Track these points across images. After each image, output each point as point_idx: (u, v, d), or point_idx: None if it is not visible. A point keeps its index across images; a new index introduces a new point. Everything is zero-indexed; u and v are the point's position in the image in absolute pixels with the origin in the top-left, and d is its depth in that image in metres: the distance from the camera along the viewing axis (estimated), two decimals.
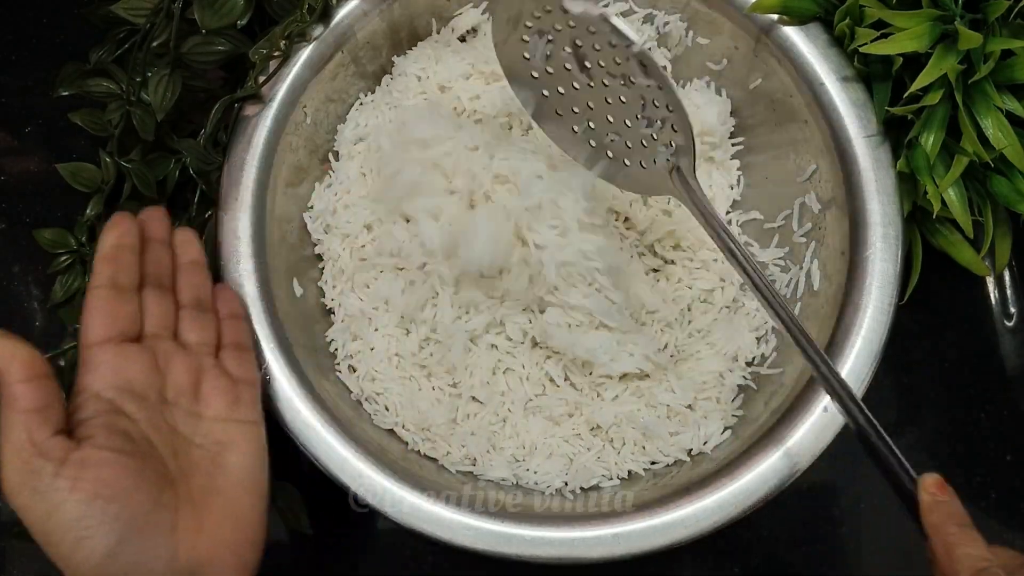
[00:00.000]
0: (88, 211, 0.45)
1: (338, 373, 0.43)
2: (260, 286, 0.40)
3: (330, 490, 0.37)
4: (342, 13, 0.44)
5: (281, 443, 0.38)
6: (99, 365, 0.35)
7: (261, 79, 0.43)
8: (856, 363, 0.37)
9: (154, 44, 0.43)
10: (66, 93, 0.46)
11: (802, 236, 0.43)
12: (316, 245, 0.45)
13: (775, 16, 0.42)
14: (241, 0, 0.42)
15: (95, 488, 0.32)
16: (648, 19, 0.46)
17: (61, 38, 0.53)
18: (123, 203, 0.45)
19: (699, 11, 0.45)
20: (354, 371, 0.43)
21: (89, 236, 0.45)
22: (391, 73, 0.47)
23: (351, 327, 0.43)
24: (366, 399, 0.42)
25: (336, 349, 0.43)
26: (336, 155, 0.46)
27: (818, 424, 0.37)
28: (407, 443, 0.41)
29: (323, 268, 0.45)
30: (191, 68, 0.43)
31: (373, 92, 0.47)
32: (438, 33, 0.47)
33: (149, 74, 0.43)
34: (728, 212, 0.46)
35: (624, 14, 0.46)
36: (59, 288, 0.45)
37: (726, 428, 0.41)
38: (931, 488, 0.32)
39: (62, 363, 0.43)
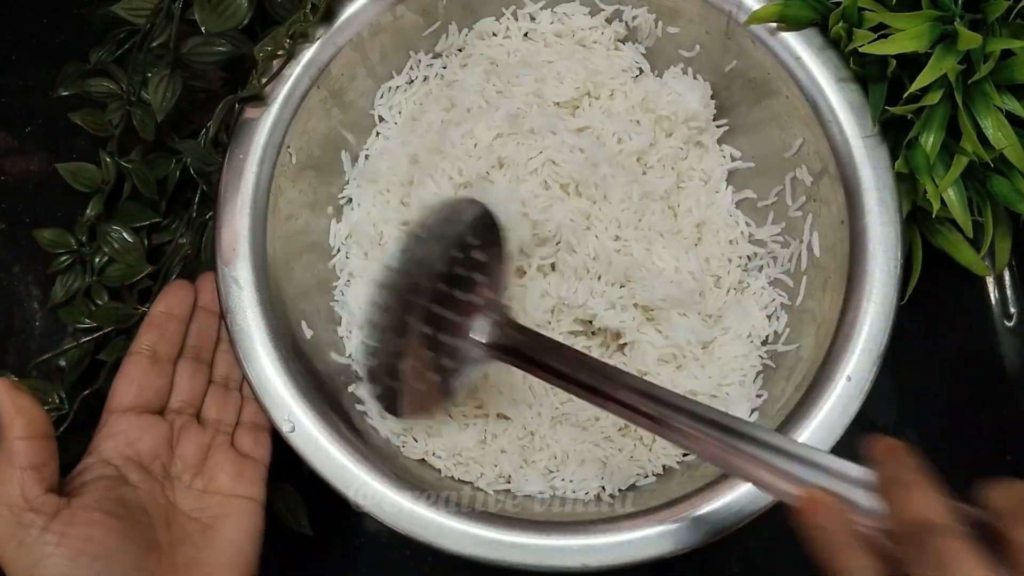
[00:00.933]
0: (88, 211, 0.45)
1: (362, 411, 0.42)
2: (271, 333, 0.39)
3: (329, 491, 0.37)
4: (312, 50, 0.43)
5: (280, 444, 0.38)
6: (116, 434, 0.37)
7: (263, 80, 0.42)
8: (871, 330, 0.37)
9: (154, 44, 0.43)
10: (66, 93, 0.46)
11: (798, 210, 0.43)
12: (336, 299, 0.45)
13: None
14: (244, 2, 0.42)
15: (80, 545, 0.32)
16: (616, 15, 0.46)
17: (61, 38, 0.53)
18: (123, 203, 0.45)
19: (665, 1, 0.45)
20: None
21: (89, 236, 0.45)
22: (372, 107, 0.47)
23: None
24: (392, 433, 0.41)
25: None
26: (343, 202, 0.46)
27: (844, 394, 0.37)
28: (440, 470, 0.41)
29: (339, 317, 0.44)
30: (191, 68, 0.43)
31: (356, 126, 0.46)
32: (415, 66, 0.47)
33: (149, 74, 0.43)
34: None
35: (591, 13, 0.46)
36: (59, 288, 0.45)
37: (753, 410, 0.41)
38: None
39: (62, 363, 0.44)
